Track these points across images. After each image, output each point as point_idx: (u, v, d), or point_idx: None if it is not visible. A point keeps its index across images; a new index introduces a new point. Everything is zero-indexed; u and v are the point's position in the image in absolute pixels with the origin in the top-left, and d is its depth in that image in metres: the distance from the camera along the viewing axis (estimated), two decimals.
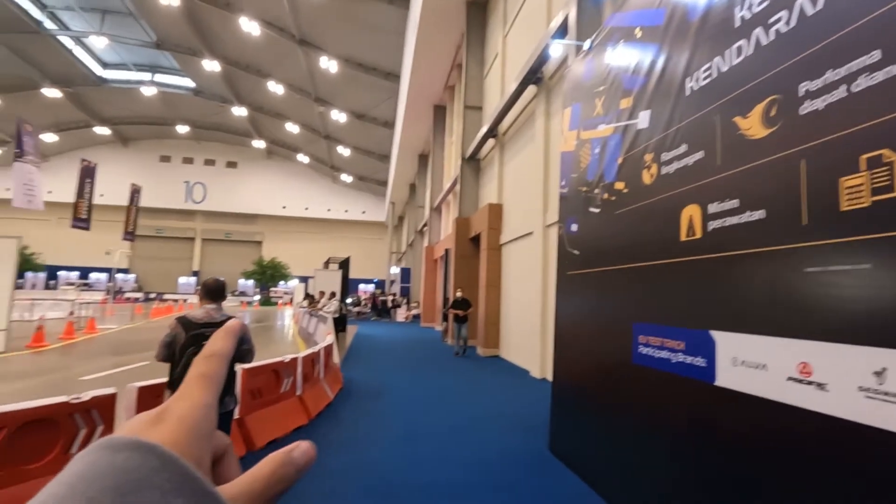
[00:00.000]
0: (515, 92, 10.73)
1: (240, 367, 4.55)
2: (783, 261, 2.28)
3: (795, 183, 2.24)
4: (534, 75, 9.89)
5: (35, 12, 29.52)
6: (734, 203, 2.59)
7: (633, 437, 3.43)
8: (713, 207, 2.75)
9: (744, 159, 2.56)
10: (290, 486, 0.28)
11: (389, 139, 34.82)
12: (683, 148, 3.07)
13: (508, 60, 13.11)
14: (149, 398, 3.65)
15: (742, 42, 2.64)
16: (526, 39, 11.30)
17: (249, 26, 25.77)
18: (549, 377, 6.72)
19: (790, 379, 2.18)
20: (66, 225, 35.59)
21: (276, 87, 32.25)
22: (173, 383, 3.22)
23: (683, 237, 3.00)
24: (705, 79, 2.92)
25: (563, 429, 4.65)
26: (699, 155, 2.92)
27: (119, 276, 44.21)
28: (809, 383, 2.09)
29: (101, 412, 3.36)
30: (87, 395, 3.31)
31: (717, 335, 2.67)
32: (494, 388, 8.51)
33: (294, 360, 5.57)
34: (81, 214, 19.23)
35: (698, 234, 2.87)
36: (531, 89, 10.60)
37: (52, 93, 35.75)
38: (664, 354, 3.12)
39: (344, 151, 40.94)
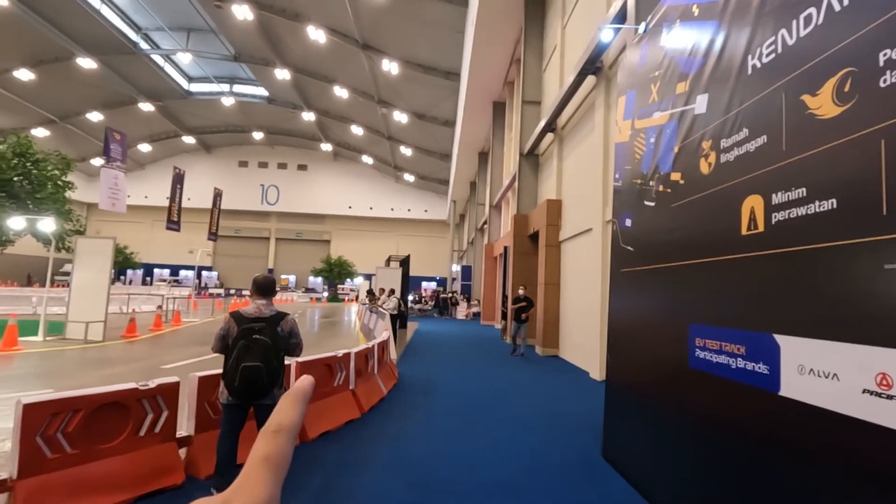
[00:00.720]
0: (574, 83, 10.36)
1: (293, 361, 4.74)
2: (858, 256, 1.99)
3: (873, 167, 1.95)
4: (592, 65, 9.50)
5: (132, 35, 32.68)
6: (801, 192, 2.31)
7: (689, 447, 3.18)
8: (777, 198, 2.47)
9: (812, 142, 2.27)
10: None
11: (450, 138, 35.03)
12: (744, 133, 2.79)
13: (567, 52, 12.70)
14: (208, 387, 3.89)
15: (811, 10, 2.35)
16: (585, 29, 10.87)
17: (316, 34, 26.93)
18: None
19: (866, 392, 1.91)
20: (160, 227, 39.02)
21: (341, 92, 33.49)
22: (226, 374, 3.41)
23: (744, 231, 2.73)
24: (769, 55, 2.63)
25: (616, 434, 4.41)
26: (761, 140, 2.63)
27: (204, 273, 48.03)
28: (889, 398, 1.81)
29: (165, 399, 3.63)
30: (153, 383, 3.58)
31: (781, 339, 2.39)
32: (551, 388, 8.29)
33: (346, 355, 5.72)
34: (174, 217, 21.04)
35: (761, 228, 2.59)
36: (590, 80, 10.19)
37: (146, 107, 39.45)
38: (723, 359, 2.85)
39: (406, 151, 41.75)
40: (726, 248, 2.89)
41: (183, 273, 48.40)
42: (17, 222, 11.45)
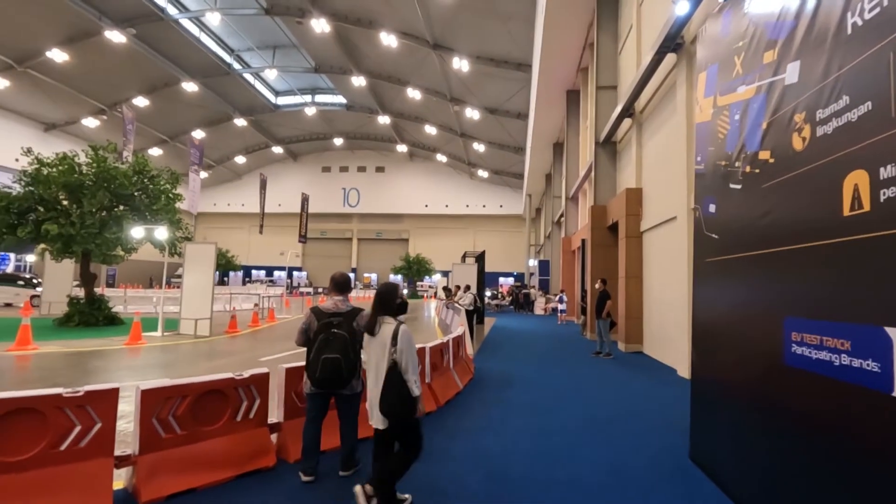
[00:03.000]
0: (652, 63, 9.76)
1: None
2: None
3: None
4: (672, 42, 8.89)
5: (226, 57, 35.79)
6: None
7: (785, 451, 2.89)
8: (886, 171, 2.17)
9: None
10: None
11: (523, 131, 34.52)
12: (845, 101, 2.47)
13: (644, 30, 11.97)
14: (294, 377, 4.19)
15: None
16: (663, 4, 10.17)
17: (388, 39, 27.78)
18: None
19: None
20: (256, 231, 42.31)
21: (413, 93, 34.25)
22: (309, 365, 3.66)
23: (847, 211, 2.43)
24: (872, 10, 2.30)
25: (705, 435, 4.12)
26: (865, 107, 2.32)
27: (295, 273, 51.49)
28: None
29: (257, 387, 3.96)
30: (247, 373, 3.92)
31: (894, 333, 2.10)
32: (634, 386, 7.91)
33: (422, 349, 5.86)
34: (260, 221, 22.86)
35: (866, 207, 2.29)
36: (670, 58, 9.54)
37: (240, 122, 43.04)
38: (824, 355, 2.56)
39: (479, 147, 41.78)
40: (826, 231, 2.59)
41: (277, 274, 52.29)
42: (138, 231, 13.06)
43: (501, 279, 47.98)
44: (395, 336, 3.15)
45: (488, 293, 29.89)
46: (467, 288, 14.54)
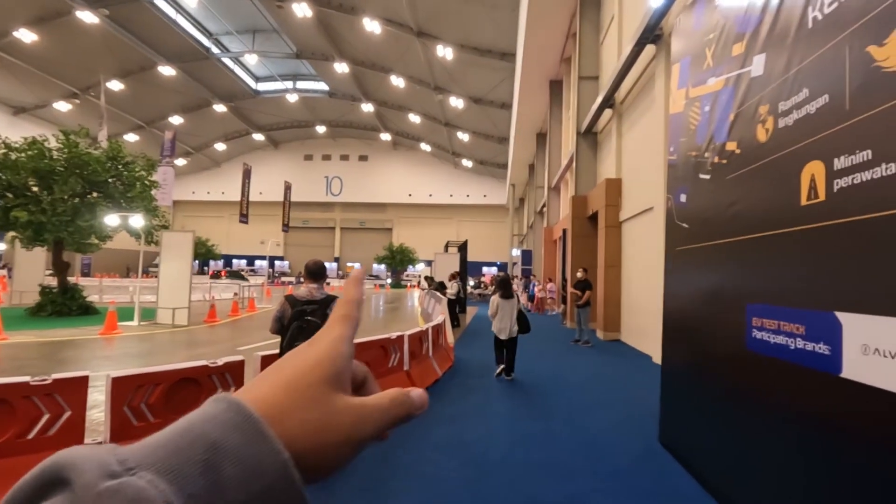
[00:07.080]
0: (632, 54, 9.84)
1: None
2: None
3: None
4: (651, 33, 8.96)
5: (204, 41, 34.88)
6: (865, 155, 2.09)
7: (747, 432, 3.01)
8: (840, 162, 2.25)
9: (879, 98, 2.04)
10: (401, 422, 0.35)
11: (507, 121, 34.51)
12: (804, 93, 2.55)
13: (626, 21, 12.04)
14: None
15: None
16: None
17: (371, 25, 27.38)
18: None
19: None
20: (236, 220, 41.65)
21: (397, 81, 33.91)
22: (282, 353, 3.65)
23: (804, 201, 2.52)
24: (831, 4, 2.37)
25: (673, 419, 4.26)
26: (823, 100, 2.40)
27: (276, 262, 50.93)
28: None
29: (232, 375, 3.96)
30: (221, 361, 3.91)
31: (843, 317, 2.20)
32: (611, 373, 8.08)
33: (400, 337, 5.91)
34: (244, 210, 22.48)
35: (821, 197, 2.38)
36: (649, 50, 9.62)
37: (220, 108, 42.11)
38: (781, 340, 2.67)
39: (463, 137, 41.65)
40: (785, 220, 2.68)
41: (258, 263, 51.67)
42: (112, 219, 12.76)
43: (485, 269, 48.20)
44: (517, 299, 6.99)
45: (471, 283, 30.03)
46: (453, 277, 14.62)
